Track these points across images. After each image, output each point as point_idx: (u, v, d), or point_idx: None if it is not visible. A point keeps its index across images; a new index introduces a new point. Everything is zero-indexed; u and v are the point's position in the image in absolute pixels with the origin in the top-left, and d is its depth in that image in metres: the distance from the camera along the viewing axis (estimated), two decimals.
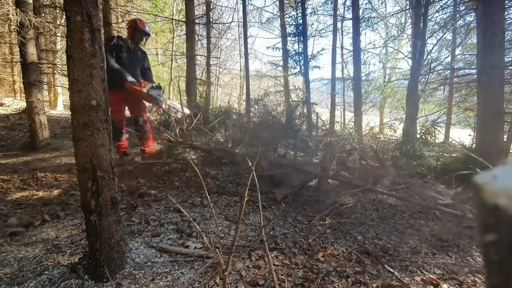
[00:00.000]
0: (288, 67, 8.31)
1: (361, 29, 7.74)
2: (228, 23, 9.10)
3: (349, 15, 8.59)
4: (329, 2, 8.76)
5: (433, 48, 7.21)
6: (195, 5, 6.72)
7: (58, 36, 8.35)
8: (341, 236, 1.85)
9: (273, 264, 1.42)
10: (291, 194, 2.47)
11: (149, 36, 3.20)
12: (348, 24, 9.15)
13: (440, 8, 6.54)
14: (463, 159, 3.85)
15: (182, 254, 1.52)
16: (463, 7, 5.90)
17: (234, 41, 13.12)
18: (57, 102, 9.76)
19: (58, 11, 7.31)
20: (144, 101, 3.14)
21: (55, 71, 7.09)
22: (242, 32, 8.12)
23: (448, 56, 9.22)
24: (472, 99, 6.88)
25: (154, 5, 9.74)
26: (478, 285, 1.40)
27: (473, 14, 5.63)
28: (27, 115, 4.26)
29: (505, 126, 3.86)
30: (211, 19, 7.15)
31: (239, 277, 1.33)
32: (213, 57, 8.72)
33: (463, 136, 5.01)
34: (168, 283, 1.29)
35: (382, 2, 9.37)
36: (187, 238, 1.70)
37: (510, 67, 4.55)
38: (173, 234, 1.77)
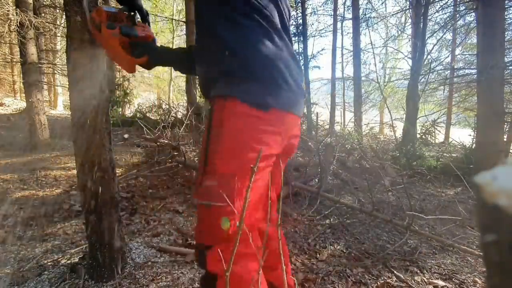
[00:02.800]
0: None
1: (361, 29, 7.75)
2: None
3: (349, 15, 8.60)
4: (329, 2, 8.77)
5: (433, 48, 7.20)
6: None
7: (58, 36, 8.36)
8: (341, 236, 1.85)
9: None
10: (292, 194, 2.47)
11: None
12: (348, 24, 9.16)
13: (440, 8, 6.54)
14: (462, 159, 3.85)
15: (182, 254, 1.52)
16: (463, 7, 5.90)
17: None
18: (57, 102, 9.77)
19: (58, 11, 7.32)
20: None
21: (55, 71, 7.10)
22: None
23: (448, 56, 9.23)
24: (472, 99, 6.88)
25: (154, 5, 9.74)
26: (478, 285, 1.40)
27: (473, 14, 5.63)
28: (27, 115, 4.27)
29: (505, 126, 3.86)
30: None
31: None
32: None
33: (463, 136, 5.01)
34: (168, 283, 1.29)
35: (382, 2, 9.38)
36: (187, 238, 1.70)
37: (510, 67, 4.55)
38: (173, 234, 1.77)
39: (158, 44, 1.02)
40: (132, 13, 0.97)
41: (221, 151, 0.73)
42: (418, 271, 1.48)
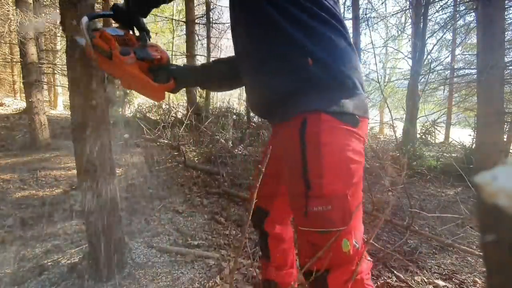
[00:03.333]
0: None
1: (361, 29, 7.74)
2: (228, 23, 9.13)
3: (349, 15, 8.59)
4: None
5: (433, 48, 7.20)
6: (195, 5, 6.72)
7: (58, 36, 8.36)
8: None
9: None
10: None
11: None
12: (348, 24, 9.14)
13: (440, 8, 6.54)
14: (462, 159, 3.85)
15: (182, 254, 1.52)
16: (463, 7, 5.90)
17: None
18: (57, 102, 9.76)
19: (58, 11, 7.31)
20: None
21: (55, 71, 7.10)
22: None
23: (448, 56, 9.23)
24: (472, 99, 6.88)
25: None
26: (478, 285, 1.40)
27: (473, 14, 5.64)
28: (27, 115, 4.27)
29: (505, 126, 3.86)
30: (211, 19, 7.14)
31: (242, 277, 1.34)
32: (213, 57, 8.73)
33: (463, 136, 5.01)
34: (168, 283, 1.29)
35: (382, 2, 9.38)
36: (187, 238, 1.71)
37: (510, 67, 4.55)
38: (173, 234, 1.77)
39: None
40: (139, 33, 0.88)
41: (326, 171, 0.67)
42: (418, 271, 1.48)
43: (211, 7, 7.04)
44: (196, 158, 3.37)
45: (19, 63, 4.14)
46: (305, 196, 0.69)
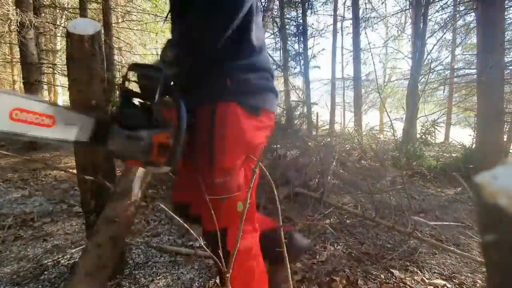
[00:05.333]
0: (288, 67, 8.30)
1: (361, 29, 7.75)
2: None
3: (349, 15, 8.60)
4: (329, 2, 8.76)
5: (433, 48, 7.20)
6: None
7: (58, 36, 8.36)
8: (341, 236, 1.84)
9: None
10: (292, 194, 2.47)
11: None
12: (348, 24, 9.16)
13: (440, 8, 6.55)
14: (463, 159, 3.85)
15: (182, 254, 1.52)
16: (463, 7, 5.91)
17: None
18: (57, 102, 9.76)
19: (58, 11, 7.31)
20: None
21: (55, 71, 7.10)
22: None
23: (448, 56, 9.24)
24: (472, 99, 6.88)
25: (154, 5, 9.74)
26: (478, 285, 1.40)
27: (473, 14, 5.63)
28: None
29: (505, 126, 3.87)
30: None
31: None
32: None
33: (463, 136, 5.02)
34: (168, 283, 1.29)
35: (382, 2, 9.38)
36: (187, 238, 1.70)
37: (510, 67, 4.55)
38: (173, 234, 1.77)
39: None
40: None
41: (227, 149, 0.79)
42: (418, 271, 1.48)
43: None
44: None
45: (19, 63, 4.14)
46: (209, 169, 0.80)
